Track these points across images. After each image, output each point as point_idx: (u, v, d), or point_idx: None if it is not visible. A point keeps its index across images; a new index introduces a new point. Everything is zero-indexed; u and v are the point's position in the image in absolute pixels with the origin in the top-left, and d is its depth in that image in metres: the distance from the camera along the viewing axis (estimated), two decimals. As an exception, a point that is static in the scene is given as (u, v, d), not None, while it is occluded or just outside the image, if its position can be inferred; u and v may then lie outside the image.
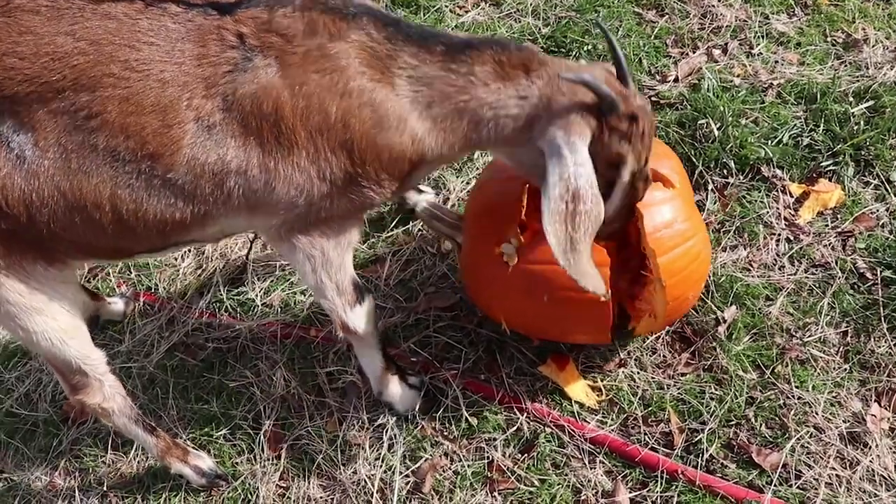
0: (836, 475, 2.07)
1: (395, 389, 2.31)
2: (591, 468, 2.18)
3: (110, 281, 2.91)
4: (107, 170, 1.71)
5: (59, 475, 2.48)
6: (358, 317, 2.12)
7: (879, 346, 2.26)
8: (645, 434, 2.22)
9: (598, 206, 1.75)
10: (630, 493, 2.13)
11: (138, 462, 2.45)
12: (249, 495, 2.31)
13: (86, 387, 2.11)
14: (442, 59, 1.77)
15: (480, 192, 2.36)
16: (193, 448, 2.39)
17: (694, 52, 3.07)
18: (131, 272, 2.92)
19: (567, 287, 2.06)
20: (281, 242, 1.96)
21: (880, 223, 2.49)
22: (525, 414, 2.29)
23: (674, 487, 2.11)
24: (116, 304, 2.78)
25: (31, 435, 2.59)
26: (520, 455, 2.24)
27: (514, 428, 2.27)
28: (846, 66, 2.87)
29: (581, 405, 2.29)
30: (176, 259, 2.91)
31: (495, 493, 2.19)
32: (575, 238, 1.73)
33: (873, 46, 2.89)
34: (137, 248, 1.96)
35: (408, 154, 1.83)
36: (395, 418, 2.34)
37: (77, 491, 2.43)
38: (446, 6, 3.40)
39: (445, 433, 2.31)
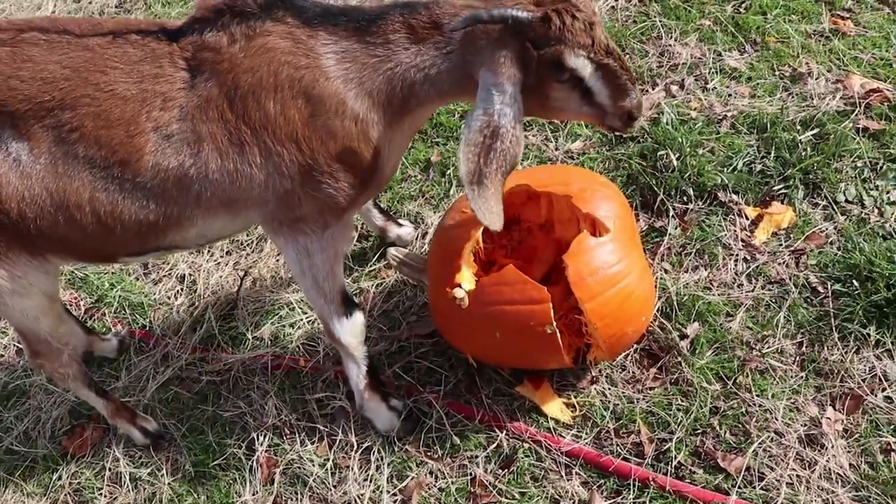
0: (797, 475, 2.21)
1: (376, 407, 2.45)
2: (567, 480, 2.31)
3: (106, 321, 3.03)
4: (86, 175, 1.94)
5: (59, 509, 2.58)
6: (344, 328, 2.29)
7: (832, 354, 2.41)
8: (617, 445, 2.35)
9: (516, 147, 1.81)
10: (605, 501, 2.25)
11: (136, 494, 2.55)
12: (244, 520, 2.41)
13: (48, 353, 2.36)
14: (356, 33, 1.89)
15: (437, 236, 2.51)
16: (141, 413, 2.66)
17: (653, 89, 3.27)
18: (126, 311, 3.04)
19: (515, 325, 2.23)
20: (275, 236, 2.16)
21: (829, 241, 2.67)
22: (504, 431, 2.41)
23: (646, 494, 2.23)
24: (110, 342, 2.90)
25: (30, 472, 2.68)
26: (500, 470, 2.36)
27: (495, 445, 2.40)
28: (793, 97, 3.08)
29: (557, 421, 2.42)
30: (169, 297, 3.04)
31: (478, 507, 2.31)
32: (484, 172, 1.81)
33: (817, 79, 3.10)
34: (119, 252, 2.14)
35: (354, 137, 1.93)
36: (380, 440, 2.46)
37: (77, 523, 2.53)
38: None
39: (430, 452, 2.43)
